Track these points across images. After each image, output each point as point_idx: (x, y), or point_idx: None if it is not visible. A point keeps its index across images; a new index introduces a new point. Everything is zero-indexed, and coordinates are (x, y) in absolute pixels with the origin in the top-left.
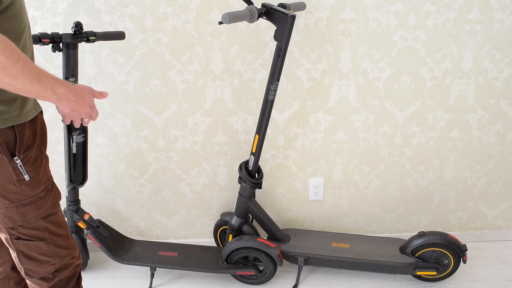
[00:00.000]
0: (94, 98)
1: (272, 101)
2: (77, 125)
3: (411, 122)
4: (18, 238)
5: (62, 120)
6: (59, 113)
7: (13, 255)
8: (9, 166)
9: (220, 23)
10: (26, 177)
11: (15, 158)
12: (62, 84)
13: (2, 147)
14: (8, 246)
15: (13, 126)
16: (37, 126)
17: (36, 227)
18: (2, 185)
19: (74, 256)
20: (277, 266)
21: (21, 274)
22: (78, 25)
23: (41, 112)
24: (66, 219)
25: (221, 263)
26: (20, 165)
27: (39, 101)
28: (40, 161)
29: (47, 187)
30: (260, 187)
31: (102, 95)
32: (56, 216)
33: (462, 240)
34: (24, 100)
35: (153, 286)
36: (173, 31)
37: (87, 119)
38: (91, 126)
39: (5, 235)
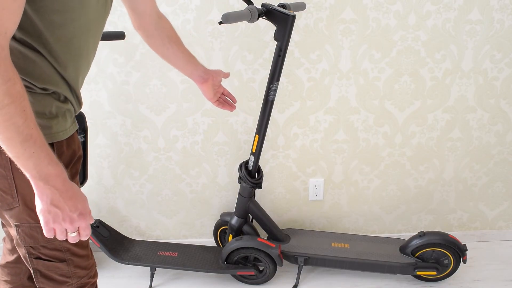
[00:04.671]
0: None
1: (272, 101)
2: (58, 235)
3: (411, 122)
4: (38, 258)
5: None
6: (37, 209)
7: (31, 271)
8: None
9: (220, 23)
10: None
11: None
12: (55, 163)
13: None
14: (25, 263)
15: (52, 143)
16: (75, 145)
17: (58, 248)
18: (30, 202)
19: (91, 275)
20: (277, 266)
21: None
22: None
23: (77, 130)
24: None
25: (221, 263)
26: None
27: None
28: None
29: None
30: (260, 187)
31: (91, 218)
32: None
33: (462, 240)
34: (63, 115)
35: (153, 286)
36: None
37: (72, 233)
38: (91, 126)
39: (23, 252)
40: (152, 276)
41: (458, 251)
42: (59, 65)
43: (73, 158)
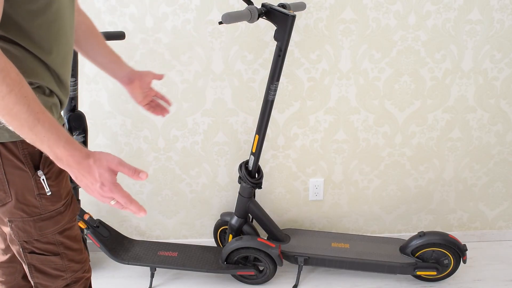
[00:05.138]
0: (123, 174)
1: (272, 101)
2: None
3: (411, 122)
4: (32, 252)
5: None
6: None
7: (25, 267)
8: (31, 180)
9: (220, 23)
10: (48, 191)
11: (38, 171)
12: (65, 144)
13: (26, 159)
14: (19, 259)
15: None
16: None
17: (52, 242)
18: (22, 197)
19: (86, 269)
20: (277, 266)
21: (32, 285)
22: None
23: (64, 124)
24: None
25: (221, 263)
26: (43, 179)
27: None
28: (63, 175)
29: (67, 201)
30: (260, 187)
31: (135, 173)
32: (72, 230)
33: (462, 240)
34: (50, 109)
35: (153, 286)
36: (173, 31)
37: (112, 202)
38: (91, 126)
39: (17, 248)
40: (152, 276)
41: (458, 251)
42: (44, 52)
43: None
